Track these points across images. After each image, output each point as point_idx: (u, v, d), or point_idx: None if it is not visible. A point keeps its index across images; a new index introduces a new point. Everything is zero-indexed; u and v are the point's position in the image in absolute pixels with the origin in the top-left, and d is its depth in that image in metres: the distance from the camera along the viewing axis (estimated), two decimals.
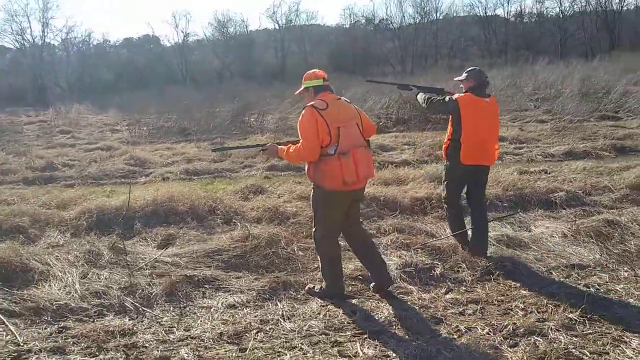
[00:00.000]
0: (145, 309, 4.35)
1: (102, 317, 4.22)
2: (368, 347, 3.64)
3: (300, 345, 3.72)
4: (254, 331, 3.96)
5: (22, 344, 3.82)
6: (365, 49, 51.15)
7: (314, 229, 4.55)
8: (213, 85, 40.09)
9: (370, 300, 4.43)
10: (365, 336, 3.82)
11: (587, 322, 3.84)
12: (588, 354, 3.44)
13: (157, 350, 3.70)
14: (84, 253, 5.26)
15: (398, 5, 57.16)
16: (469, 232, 5.38)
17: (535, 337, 3.68)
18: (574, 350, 3.47)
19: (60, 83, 50.93)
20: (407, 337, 3.80)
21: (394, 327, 3.96)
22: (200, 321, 4.15)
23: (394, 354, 3.54)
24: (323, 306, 4.33)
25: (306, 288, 4.64)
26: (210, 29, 64.05)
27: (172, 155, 11.77)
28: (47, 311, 4.27)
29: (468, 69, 5.39)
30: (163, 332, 3.99)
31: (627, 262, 4.95)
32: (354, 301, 4.42)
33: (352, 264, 4.96)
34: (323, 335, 3.85)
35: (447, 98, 5.29)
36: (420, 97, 5.56)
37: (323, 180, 4.23)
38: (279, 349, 3.68)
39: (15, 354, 3.71)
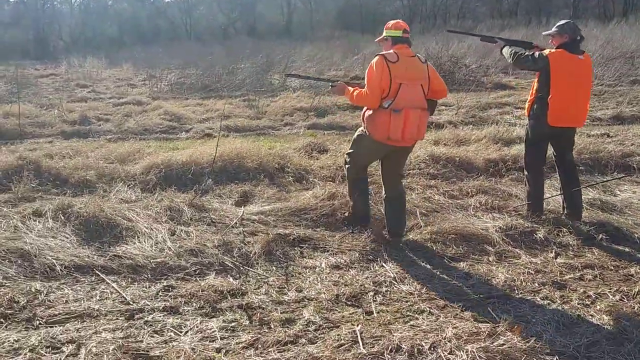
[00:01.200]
0: (247, 267, 4.17)
1: (204, 276, 4.03)
2: (502, 312, 3.48)
3: (428, 309, 3.56)
4: (371, 293, 3.79)
5: (131, 303, 3.65)
6: (374, 7, 50.15)
7: (346, 155, 4.85)
8: (217, 41, 39.26)
9: (480, 264, 4.26)
10: (493, 300, 3.66)
11: None
12: None
13: (277, 312, 3.54)
14: (164, 209, 5.06)
15: None
16: (560, 197, 5.20)
17: None
18: None
19: (63, 37, 49.90)
20: (538, 301, 3.64)
21: (518, 291, 3.80)
22: (309, 282, 3.97)
23: (533, 319, 3.38)
24: (434, 269, 4.16)
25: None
26: None
27: (206, 112, 11.47)
28: (146, 269, 4.08)
29: (560, 23, 5.00)
30: (275, 292, 3.83)
31: None
32: (462, 264, 4.25)
33: (447, 223, 4.77)
34: (446, 300, 3.68)
35: (536, 54, 4.96)
36: (507, 50, 5.22)
37: (371, 127, 4.39)
38: (407, 313, 3.52)
39: (128, 313, 3.54)
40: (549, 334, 3.21)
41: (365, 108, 4.50)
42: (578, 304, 3.61)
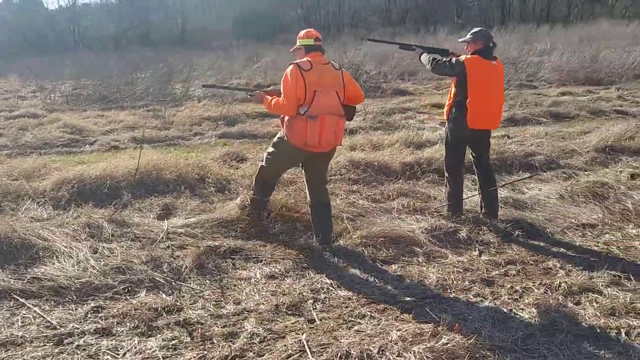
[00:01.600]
0: (179, 282, 4.04)
1: (135, 294, 3.86)
2: (440, 312, 3.59)
3: (368, 313, 3.61)
4: (310, 301, 3.79)
5: (58, 327, 3.42)
6: (270, 17, 50.31)
7: (263, 157, 4.89)
8: (109, 51, 37.78)
9: (411, 265, 4.37)
10: (429, 300, 3.77)
11: (632, 278, 4.00)
12: None
13: (218, 326, 3.45)
14: (82, 226, 4.79)
15: None
16: (478, 197, 5.45)
17: (592, 294, 3.79)
18: (638, 304, 3.62)
19: None
20: (472, 299, 3.79)
21: (450, 290, 3.94)
22: (246, 293, 3.91)
23: (470, 317, 3.52)
24: (367, 273, 4.22)
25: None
26: None
27: (109, 123, 10.98)
28: (70, 290, 3.85)
29: (474, 30, 5.26)
30: (212, 306, 3.73)
31: (630, 220, 5.22)
32: (394, 267, 4.35)
33: (375, 227, 4.86)
34: (385, 303, 3.75)
35: (453, 60, 5.18)
36: (425, 57, 5.41)
37: (289, 133, 4.47)
38: (349, 318, 3.55)
39: (56, 338, 3.32)
40: (487, 329, 3.34)
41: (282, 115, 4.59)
42: (508, 299, 3.79)
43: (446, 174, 5.42)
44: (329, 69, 4.49)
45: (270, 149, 4.79)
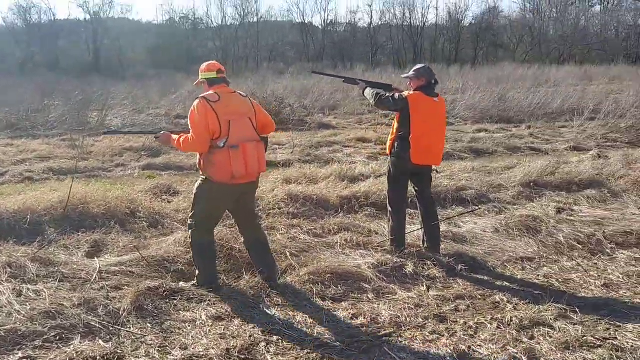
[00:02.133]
0: (117, 327, 3.72)
1: (68, 342, 3.53)
2: (399, 351, 3.49)
3: (326, 355, 3.45)
4: (263, 344, 3.59)
5: None
6: (186, 47, 49.79)
7: (189, 219, 4.43)
8: (14, 76, 35.83)
9: (361, 302, 4.26)
10: (385, 339, 3.67)
11: (578, 311, 4.07)
12: (599, 339, 3.65)
13: None
14: (2, 266, 4.37)
15: (219, 5, 56.02)
16: (420, 232, 5.46)
17: (544, 328, 3.82)
18: (589, 337, 3.67)
19: None
20: (429, 337, 3.71)
21: (405, 328, 3.85)
22: (192, 337, 3.66)
23: (430, 356, 3.44)
24: (318, 312, 4.06)
25: (180, 284, 4.38)
26: (11, 15, 57.36)
27: (20, 153, 10.26)
28: None
29: (417, 67, 5.33)
30: (157, 353, 3.46)
31: (564, 253, 5.37)
32: (344, 304, 4.22)
33: (321, 263, 4.72)
34: (342, 344, 3.61)
35: (396, 95, 5.22)
36: (368, 92, 5.44)
37: (212, 172, 4.20)
38: None
39: None
40: None
41: (199, 156, 4.30)
42: (464, 335, 3.75)
43: (389, 208, 5.39)
44: (237, 97, 4.35)
45: (194, 208, 4.39)
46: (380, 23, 56.85)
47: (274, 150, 11.55)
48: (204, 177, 4.30)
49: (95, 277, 4.34)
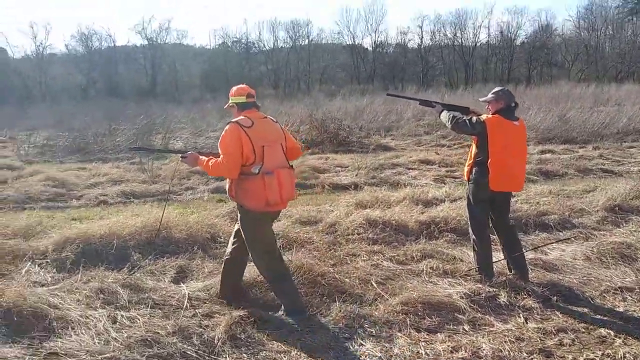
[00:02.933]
0: (213, 356, 3.66)
1: None
2: None
3: None
4: None
5: None
6: (239, 70, 50.70)
7: (251, 256, 4.35)
8: (77, 102, 37.15)
9: (458, 334, 4.08)
10: None
11: None
12: None
13: None
14: (94, 292, 4.39)
15: (270, 29, 56.86)
16: (504, 261, 5.24)
17: None
18: None
19: None
20: None
21: None
22: None
23: None
24: (415, 344, 3.91)
25: (269, 314, 4.27)
26: (73, 42, 59.58)
27: (92, 177, 10.52)
28: None
29: (495, 89, 5.16)
30: None
31: None
32: (440, 336, 4.05)
33: (411, 293, 4.57)
34: None
35: (474, 119, 5.05)
36: (445, 115, 5.29)
37: (246, 199, 4.10)
38: None
39: None
40: None
41: (229, 182, 4.22)
42: None
43: (473, 237, 5.20)
44: (269, 122, 4.29)
45: (244, 234, 4.26)
46: (430, 43, 56.64)
47: (337, 173, 11.51)
48: (241, 208, 4.20)
49: (186, 305, 4.30)
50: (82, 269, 4.84)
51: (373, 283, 4.89)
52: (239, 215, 4.27)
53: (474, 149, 5.14)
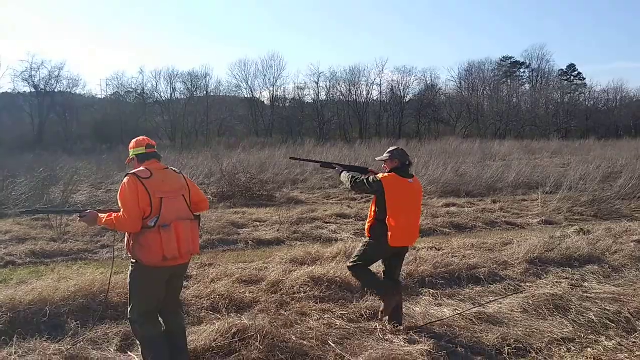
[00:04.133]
0: None
1: None
2: None
3: None
4: None
5: None
6: (134, 121, 49.27)
7: (129, 310, 4.12)
8: None
9: None
10: None
11: None
12: None
13: None
14: None
15: (167, 79, 55.96)
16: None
17: None
18: None
19: None
20: None
21: None
22: None
23: None
24: None
25: None
26: None
27: None
28: None
29: (391, 149, 5.44)
30: None
31: (600, 332, 5.36)
32: None
33: (372, 353, 4.52)
34: None
35: (371, 178, 5.30)
36: (344, 176, 5.53)
37: (142, 253, 3.93)
38: None
39: None
40: None
41: (127, 236, 4.04)
42: None
43: (360, 281, 5.46)
44: (170, 173, 4.20)
45: (132, 295, 4.09)
46: (326, 99, 58.32)
47: (256, 228, 11.34)
48: (134, 262, 4.02)
49: None
50: (16, 340, 4.36)
51: (331, 343, 4.79)
52: (130, 267, 4.06)
53: (373, 207, 5.33)
